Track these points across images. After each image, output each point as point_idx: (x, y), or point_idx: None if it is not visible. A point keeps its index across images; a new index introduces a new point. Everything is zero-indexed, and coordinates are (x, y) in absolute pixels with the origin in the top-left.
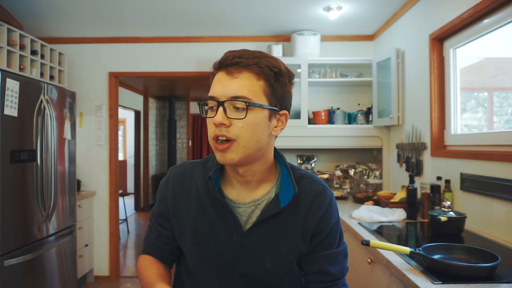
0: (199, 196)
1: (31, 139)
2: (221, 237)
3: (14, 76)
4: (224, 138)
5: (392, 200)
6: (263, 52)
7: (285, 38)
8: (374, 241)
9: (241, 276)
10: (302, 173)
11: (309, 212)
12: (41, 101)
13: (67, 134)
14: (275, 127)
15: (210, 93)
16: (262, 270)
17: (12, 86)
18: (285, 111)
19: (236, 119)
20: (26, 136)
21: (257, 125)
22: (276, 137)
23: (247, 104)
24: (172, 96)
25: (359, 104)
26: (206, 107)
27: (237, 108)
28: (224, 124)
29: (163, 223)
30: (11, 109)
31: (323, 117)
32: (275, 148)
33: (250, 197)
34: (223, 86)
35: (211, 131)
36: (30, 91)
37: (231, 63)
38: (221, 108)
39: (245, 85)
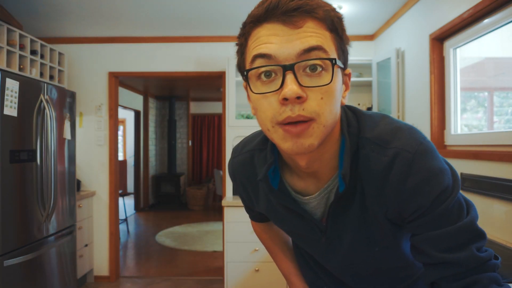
0: (265, 194)
1: (31, 139)
2: (303, 235)
3: (14, 76)
4: (299, 120)
5: None
6: None
7: None
8: None
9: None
10: (367, 138)
11: (383, 192)
12: (41, 101)
13: (67, 134)
14: (344, 91)
15: (261, 52)
16: (365, 263)
17: (12, 86)
18: (349, 70)
19: (314, 87)
20: (26, 136)
21: (336, 92)
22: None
23: (333, 61)
24: (172, 96)
25: (359, 104)
26: (258, 78)
27: (312, 70)
28: (301, 97)
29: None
30: (11, 109)
31: None
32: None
33: (318, 185)
34: (285, 41)
35: (275, 111)
36: (30, 91)
37: (289, 8)
38: (291, 75)
39: (317, 35)
